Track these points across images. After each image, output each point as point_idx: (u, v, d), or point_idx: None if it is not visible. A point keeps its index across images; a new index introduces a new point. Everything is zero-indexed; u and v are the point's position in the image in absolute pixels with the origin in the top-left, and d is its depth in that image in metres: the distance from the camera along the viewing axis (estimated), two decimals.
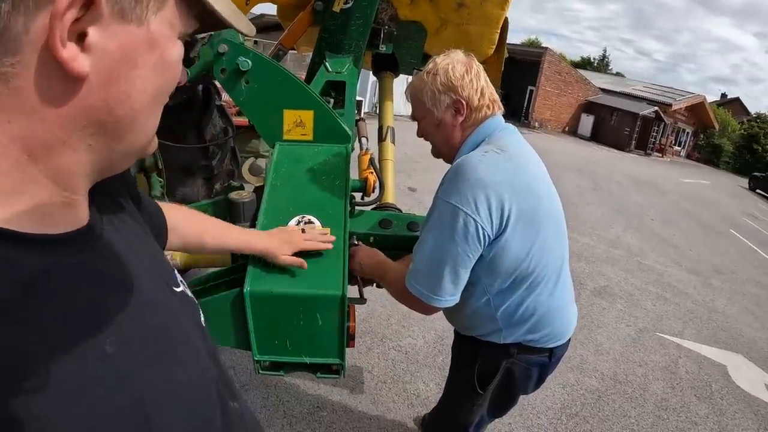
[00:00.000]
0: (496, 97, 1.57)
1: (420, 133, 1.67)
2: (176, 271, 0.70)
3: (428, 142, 1.67)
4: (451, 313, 1.65)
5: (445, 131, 1.57)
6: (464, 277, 1.43)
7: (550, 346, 1.63)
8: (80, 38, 0.42)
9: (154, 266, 0.63)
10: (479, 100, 1.51)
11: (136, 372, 0.48)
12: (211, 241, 1.21)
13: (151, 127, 0.53)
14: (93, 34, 0.42)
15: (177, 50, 0.51)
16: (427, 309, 1.49)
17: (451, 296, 1.44)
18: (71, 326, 0.44)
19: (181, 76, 0.56)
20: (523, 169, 1.47)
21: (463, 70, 1.50)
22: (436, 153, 1.69)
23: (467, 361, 1.73)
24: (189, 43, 2.03)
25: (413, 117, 1.65)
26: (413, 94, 1.60)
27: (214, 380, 0.63)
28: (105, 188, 0.58)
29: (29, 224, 0.44)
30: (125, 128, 0.49)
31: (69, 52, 0.41)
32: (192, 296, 0.72)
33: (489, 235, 1.37)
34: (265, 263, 1.35)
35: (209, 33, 1.79)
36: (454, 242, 1.37)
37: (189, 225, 1.13)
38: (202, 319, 0.72)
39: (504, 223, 1.37)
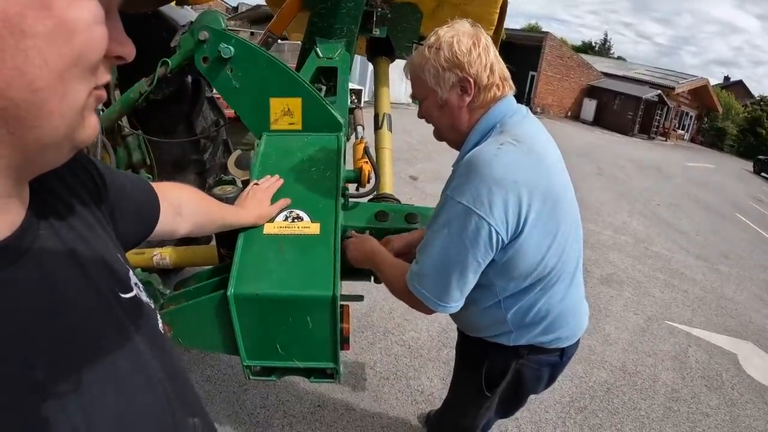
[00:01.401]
0: (507, 74, 1.40)
1: (421, 115, 1.49)
2: (131, 273, 0.64)
3: (430, 125, 1.52)
4: (455, 313, 1.53)
5: (451, 113, 1.39)
6: (473, 282, 1.32)
7: (562, 346, 1.54)
8: None
9: (102, 272, 0.57)
10: (488, 78, 1.33)
11: (69, 399, 0.45)
12: (217, 220, 1.23)
13: (70, 110, 0.44)
14: None
15: (84, 9, 0.41)
16: (430, 311, 1.38)
17: (456, 303, 1.34)
18: None
19: (124, 49, 0.47)
20: (543, 164, 1.31)
21: (470, 44, 1.31)
22: (440, 136, 1.51)
23: (474, 362, 1.63)
24: (168, 30, 1.94)
25: (413, 97, 1.49)
26: (413, 72, 1.42)
27: (165, 396, 0.59)
28: (49, 184, 0.52)
29: None
30: (28, 113, 0.40)
31: None
32: (147, 301, 0.65)
33: (503, 240, 1.24)
34: (254, 261, 1.27)
35: (189, 21, 1.70)
36: (465, 247, 1.24)
37: (197, 205, 1.12)
38: (160, 325, 0.67)
39: (521, 225, 1.24)
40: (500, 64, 1.37)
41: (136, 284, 0.63)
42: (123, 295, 0.59)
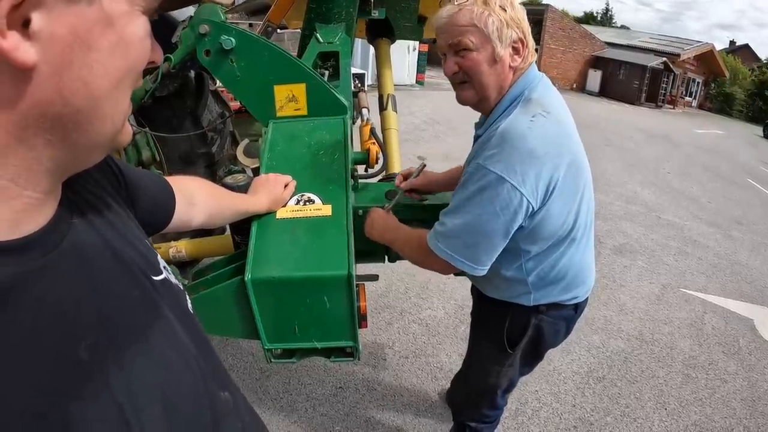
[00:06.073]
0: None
1: (458, 67, 1.35)
2: (159, 257, 0.67)
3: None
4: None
5: (501, 72, 1.33)
6: (501, 248, 1.35)
7: (577, 302, 1.61)
8: (25, 25, 0.37)
9: (133, 256, 0.60)
10: (530, 41, 1.32)
11: (112, 376, 0.47)
12: (229, 209, 1.24)
13: (120, 115, 0.49)
14: (37, 19, 0.38)
15: (140, 26, 0.46)
16: (448, 269, 1.41)
17: (483, 266, 1.37)
18: (42, 336, 0.42)
19: (155, 54, 0.51)
20: (569, 134, 1.34)
21: (518, 2, 1.29)
22: (470, 96, 1.40)
23: (494, 322, 1.67)
24: (168, 27, 1.94)
25: (457, 45, 1.32)
26: (468, 19, 1.28)
27: (200, 372, 0.62)
28: (78, 177, 0.54)
29: None
30: (87, 119, 0.45)
31: (10, 42, 0.36)
32: (176, 282, 0.69)
33: (533, 207, 1.28)
34: (268, 245, 1.29)
35: (189, 16, 1.70)
36: (496, 214, 1.27)
37: (209, 196, 1.14)
38: (189, 305, 0.70)
39: (549, 194, 1.28)
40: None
41: (164, 267, 0.66)
42: (154, 278, 0.62)
